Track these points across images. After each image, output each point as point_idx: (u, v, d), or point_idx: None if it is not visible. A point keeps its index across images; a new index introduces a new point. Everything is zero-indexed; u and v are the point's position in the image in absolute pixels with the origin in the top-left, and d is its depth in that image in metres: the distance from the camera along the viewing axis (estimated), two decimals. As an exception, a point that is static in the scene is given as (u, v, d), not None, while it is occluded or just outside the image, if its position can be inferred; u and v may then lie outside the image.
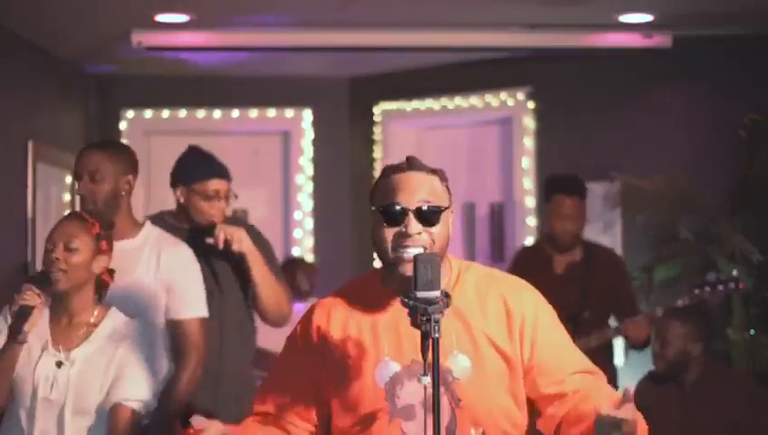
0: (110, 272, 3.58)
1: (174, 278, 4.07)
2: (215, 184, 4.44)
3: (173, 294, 4.06)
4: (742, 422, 5.04)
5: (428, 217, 2.72)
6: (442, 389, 2.62)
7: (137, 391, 3.44)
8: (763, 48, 6.24)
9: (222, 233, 4.35)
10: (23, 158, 6.20)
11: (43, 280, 3.38)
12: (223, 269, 4.47)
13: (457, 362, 2.70)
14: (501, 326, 2.77)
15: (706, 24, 6.15)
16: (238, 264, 4.43)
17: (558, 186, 5.61)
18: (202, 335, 4.13)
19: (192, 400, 4.17)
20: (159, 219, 4.51)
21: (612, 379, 5.70)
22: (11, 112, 6.08)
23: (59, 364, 3.42)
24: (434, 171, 2.79)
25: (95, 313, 3.50)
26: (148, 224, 4.15)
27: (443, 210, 2.74)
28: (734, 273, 5.52)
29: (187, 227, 4.45)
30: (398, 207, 2.71)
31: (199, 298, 4.15)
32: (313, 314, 2.86)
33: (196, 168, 4.49)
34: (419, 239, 2.70)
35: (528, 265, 5.63)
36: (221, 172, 4.50)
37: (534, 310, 2.82)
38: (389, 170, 2.79)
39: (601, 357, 5.59)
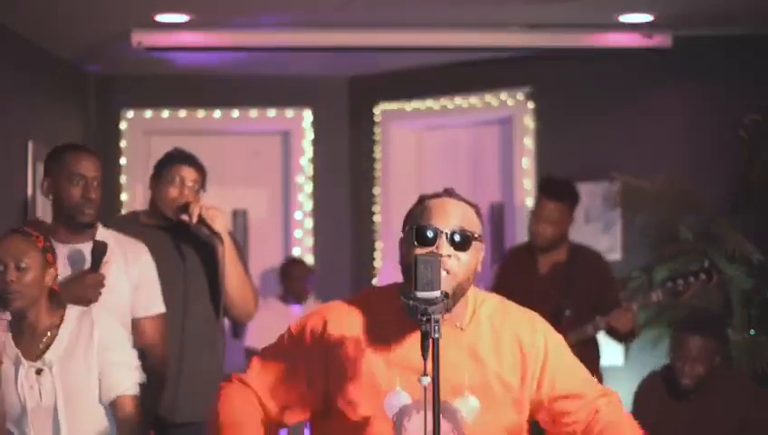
0: (56, 278, 3.61)
1: (140, 277, 4.08)
2: (181, 170, 4.39)
3: (138, 293, 4.08)
4: (745, 422, 5.04)
5: (460, 242, 2.73)
6: (450, 426, 2.69)
7: (128, 377, 3.55)
8: (763, 48, 6.24)
9: (197, 208, 4.29)
10: (23, 158, 6.19)
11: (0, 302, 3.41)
12: (193, 264, 4.41)
13: (468, 403, 2.75)
14: (515, 368, 2.82)
15: (706, 24, 6.15)
16: (209, 255, 4.36)
17: (542, 188, 5.69)
18: (162, 331, 4.13)
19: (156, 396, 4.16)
20: (133, 218, 4.53)
21: (599, 376, 5.70)
22: (11, 112, 6.07)
23: (39, 372, 3.47)
24: (469, 203, 2.82)
25: (54, 317, 3.55)
26: (100, 226, 4.09)
27: (475, 237, 2.76)
28: (706, 263, 5.52)
29: (156, 223, 4.39)
30: (430, 230, 2.73)
31: (159, 295, 4.15)
32: (328, 320, 2.82)
33: (165, 160, 4.47)
34: (448, 262, 2.71)
35: (514, 265, 5.68)
36: (188, 160, 4.45)
37: (546, 343, 2.87)
38: (425, 197, 2.82)
39: (587, 354, 5.60)
